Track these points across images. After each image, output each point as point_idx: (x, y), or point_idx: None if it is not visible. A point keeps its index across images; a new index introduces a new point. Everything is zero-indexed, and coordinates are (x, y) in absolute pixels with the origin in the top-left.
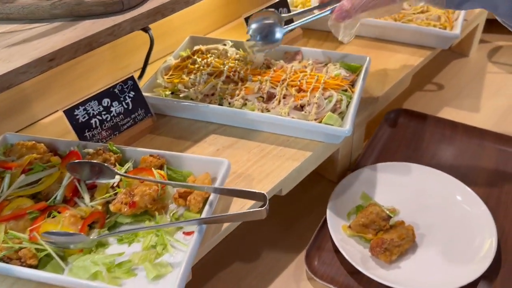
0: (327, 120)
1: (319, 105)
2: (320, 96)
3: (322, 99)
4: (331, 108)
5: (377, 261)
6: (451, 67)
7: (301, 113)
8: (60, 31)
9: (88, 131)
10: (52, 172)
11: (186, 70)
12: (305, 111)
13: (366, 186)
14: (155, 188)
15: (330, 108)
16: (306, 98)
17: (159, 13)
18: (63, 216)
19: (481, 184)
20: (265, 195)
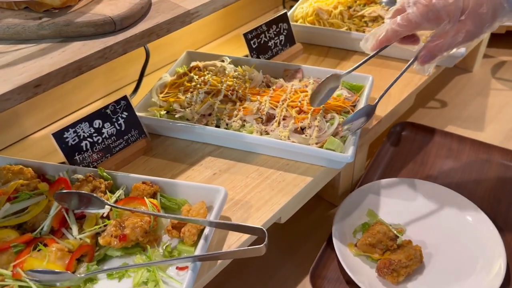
0: (328, 145)
1: (320, 128)
2: (321, 119)
3: (323, 122)
4: (332, 132)
5: (384, 282)
6: (454, 83)
7: (302, 136)
8: (48, 53)
9: (78, 154)
10: (39, 200)
11: (182, 88)
12: (306, 134)
13: (372, 202)
14: (147, 219)
15: (332, 131)
16: (307, 121)
17: (154, 34)
18: (49, 250)
19: (489, 201)
20: (264, 231)
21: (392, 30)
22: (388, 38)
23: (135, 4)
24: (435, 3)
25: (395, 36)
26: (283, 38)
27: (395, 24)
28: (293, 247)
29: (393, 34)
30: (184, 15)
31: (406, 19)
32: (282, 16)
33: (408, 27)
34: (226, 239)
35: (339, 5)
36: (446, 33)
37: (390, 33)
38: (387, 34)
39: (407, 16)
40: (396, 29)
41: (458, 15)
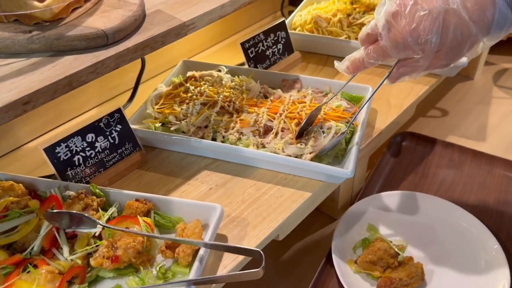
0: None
1: (316, 138)
2: (318, 129)
3: (319, 132)
4: (328, 140)
5: None
6: (456, 91)
7: (297, 146)
8: (38, 68)
9: (71, 169)
10: (29, 218)
11: (178, 99)
12: (301, 143)
13: (372, 216)
14: (140, 239)
15: (328, 140)
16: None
17: (148, 47)
18: (39, 272)
19: (492, 215)
20: (261, 253)
21: (367, 58)
22: (364, 65)
23: (128, 17)
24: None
25: (370, 64)
26: (281, 46)
27: (370, 56)
28: (291, 263)
29: (367, 63)
30: (179, 27)
31: (380, 51)
32: (280, 24)
33: (381, 58)
34: (222, 259)
35: (338, 12)
36: (418, 63)
37: (366, 61)
38: (361, 62)
39: (380, 48)
40: (371, 57)
41: (433, 51)
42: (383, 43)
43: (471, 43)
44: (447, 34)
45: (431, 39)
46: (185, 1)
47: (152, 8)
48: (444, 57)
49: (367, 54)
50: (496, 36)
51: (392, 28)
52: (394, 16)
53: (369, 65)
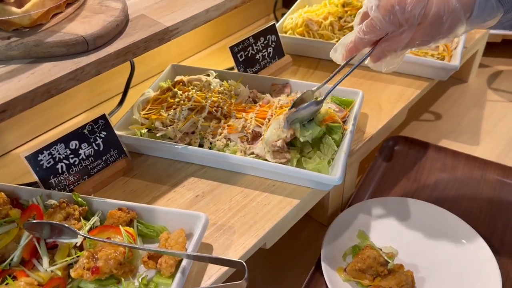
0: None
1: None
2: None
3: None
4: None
5: None
6: (449, 94)
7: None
8: (15, 76)
9: (54, 177)
10: (10, 228)
11: (165, 105)
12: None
13: (362, 223)
14: (122, 250)
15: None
16: None
17: (130, 53)
18: (17, 284)
19: (484, 221)
20: (244, 264)
21: (358, 38)
22: (356, 46)
23: (110, 22)
24: (396, 8)
25: (362, 43)
26: (272, 50)
27: (361, 31)
28: (280, 271)
29: (360, 41)
30: (163, 32)
31: (370, 25)
32: (270, 27)
33: (372, 33)
34: (207, 270)
35: (329, 15)
36: (401, 36)
37: (358, 41)
38: (355, 42)
39: (370, 22)
40: (362, 36)
41: (416, 22)
42: (373, 14)
43: (453, 20)
44: (431, 7)
45: (416, 10)
46: (170, 6)
47: (136, 12)
48: (425, 31)
49: (359, 30)
50: (477, 21)
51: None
52: None
53: (361, 45)
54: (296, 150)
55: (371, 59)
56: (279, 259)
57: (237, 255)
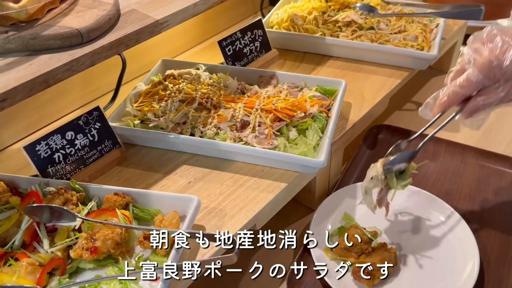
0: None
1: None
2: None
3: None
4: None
5: (360, 285)
6: (431, 85)
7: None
8: (14, 67)
9: (51, 167)
10: (10, 214)
11: (157, 97)
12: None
13: (348, 206)
14: (119, 231)
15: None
16: None
17: (122, 45)
18: (19, 264)
19: (464, 202)
20: (234, 239)
21: (453, 92)
22: (450, 100)
23: (103, 16)
24: (494, 63)
25: (457, 98)
26: (259, 44)
27: (456, 86)
28: (270, 254)
29: (455, 96)
30: (153, 25)
31: (467, 79)
32: (256, 22)
33: (468, 88)
34: (200, 248)
35: (313, 10)
36: (497, 91)
37: (452, 95)
38: (449, 96)
39: (467, 76)
40: (457, 90)
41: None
42: (470, 70)
43: None
44: None
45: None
46: (159, 0)
47: (127, 7)
48: None
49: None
50: None
51: (478, 54)
52: (482, 43)
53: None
54: (283, 137)
55: (463, 114)
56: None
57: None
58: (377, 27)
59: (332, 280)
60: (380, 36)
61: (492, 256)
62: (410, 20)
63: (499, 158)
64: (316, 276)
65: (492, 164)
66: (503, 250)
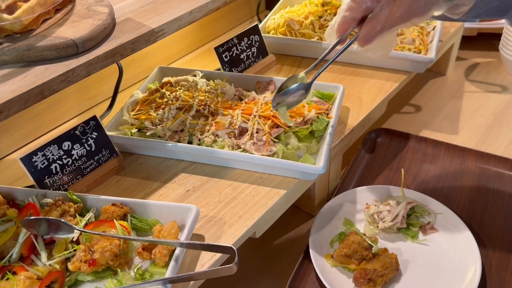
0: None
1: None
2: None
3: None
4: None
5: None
6: (428, 87)
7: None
8: (9, 79)
9: (48, 178)
10: (8, 227)
11: (154, 105)
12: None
13: (348, 211)
14: (117, 242)
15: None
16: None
17: (118, 54)
18: (17, 278)
19: (464, 205)
20: (233, 249)
21: (343, 18)
22: (342, 26)
23: (98, 25)
24: None
25: (346, 22)
26: (255, 50)
27: (343, 11)
28: (270, 260)
29: (344, 20)
30: (149, 34)
31: (352, 1)
32: (253, 28)
33: (355, 11)
34: (199, 258)
35: (309, 15)
36: (380, 12)
37: (342, 20)
38: (339, 24)
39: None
40: (345, 15)
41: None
42: None
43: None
44: None
45: None
46: (155, 9)
47: (122, 16)
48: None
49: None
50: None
51: None
52: None
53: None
54: (281, 144)
55: (358, 43)
56: (270, 249)
57: (228, 244)
58: None
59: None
60: None
61: (494, 260)
62: None
63: (499, 160)
64: (317, 283)
65: (492, 166)
66: (504, 254)
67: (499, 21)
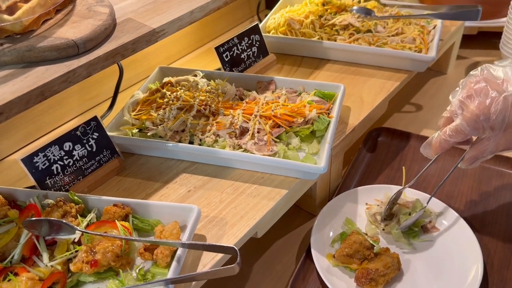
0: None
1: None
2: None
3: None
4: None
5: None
6: (429, 86)
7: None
8: (10, 80)
9: (50, 178)
10: (9, 228)
11: (154, 105)
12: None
13: (349, 211)
14: (119, 243)
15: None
16: None
17: (119, 55)
18: (19, 280)
19: (466, 204)
20: (235, 249)
21: (444, 140)
22: (442, 146)
23: (98, 26)
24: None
25: (447, 144)
26: (256, 49)
27: (446, 135)
28: (272, 260)
29: (446, 143)
30: (150, 34)
31: (455, 129)
32: (253, 28)
33: (456, 137)
34: (201, 258)
35: (310, 14)
36: (488, 142)
37: (443, 142)
38: (440, 144)
39: (455, 127)
40: (447, 139)
41: (502, 129)
42: (458, 121)
43: None
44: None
45: (499, 118)
46: (155, 9)
47: (123, 16)
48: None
49: (444, 133)
50: None
51: (465, 108)
52: (468, 97)
53: (446, 146)
54: (282, 143)
55: (463, 164)
56: (272, 249)
57: (229, 244)
58: (374, 30)
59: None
60: (377, 39)
61: (496, 258)
62: (407, 22)
63: (500, 159)
64: (318, 283)
65: (493, 166)
66: (506, 252)
67: (499, 20)
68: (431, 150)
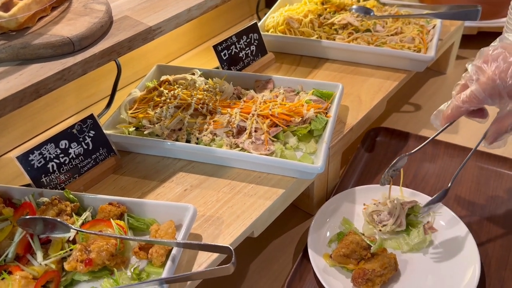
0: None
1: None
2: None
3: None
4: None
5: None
6: (428, 86)
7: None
8: (4, 77)
9: (45, 176)
10: (3, 226)
11: (152, 103)
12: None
13: (347, 210)
14: (113, 242)
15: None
16: None
17: (114, 52)
18: (13, 278)
19: (464, 205)
20: (230, 249)
21: (456, 107)
22: (454, 114)
23: (95, 23)
24: (497, 82)
25: (459, 112)
26: (254, 48)
27: (459, 101)
28: (269, 259)
29: (458, 110)
30: (146, 31)
31: (470, 95)
32: (252, 26)
33: (471, 103)
34: (196, 258)
35: (309, 13)
36: (510, 114)
37: (455, 109)
38: (452, 110)
39: (470, 93)
40: (460, 105)
41: None
42: (473, 87)
43: None
44: None
45: None
46: (152, 6)
47: (119, 14)
48: None
49: (457, 99)
50: None
51: (482, 73)
52: (484, 62)
53: (458, 113)
54: (280, 143)
55: (486, 141)
56: (268, 248)
57: (225, 244)
58: (373, 29)
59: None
60: (376, 38)
61: (493, 259)
62: (406, 22)
63: (499, 160)
64: (315, 283)
65: (491, 166)
66: (504, 253)
67: (499, 20)
68: (441, 119)
